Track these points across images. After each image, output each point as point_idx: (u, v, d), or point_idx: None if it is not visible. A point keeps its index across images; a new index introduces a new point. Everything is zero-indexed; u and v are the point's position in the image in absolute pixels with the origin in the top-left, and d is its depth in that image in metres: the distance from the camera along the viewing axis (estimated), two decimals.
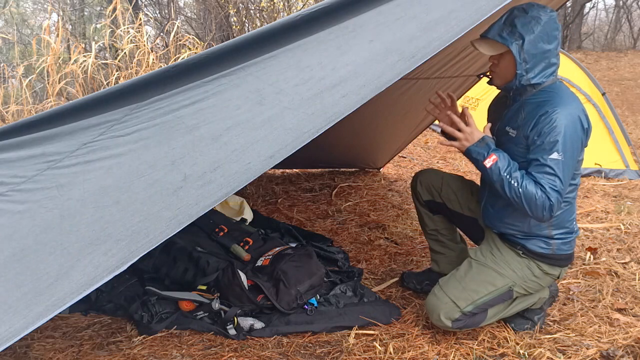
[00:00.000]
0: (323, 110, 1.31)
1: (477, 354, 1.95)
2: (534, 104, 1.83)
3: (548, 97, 1.82)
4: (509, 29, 1.76)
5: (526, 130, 1.81)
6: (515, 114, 1.89)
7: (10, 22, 8.60)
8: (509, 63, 1.82)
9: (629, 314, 2.25)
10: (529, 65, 1.79)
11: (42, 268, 1.22)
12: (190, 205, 1.25)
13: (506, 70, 1.84)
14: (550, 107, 1.77)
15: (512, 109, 1.92)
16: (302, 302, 2.18)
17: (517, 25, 1.75)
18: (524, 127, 1.83)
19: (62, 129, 1.35)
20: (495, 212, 2.00)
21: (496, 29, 1.79)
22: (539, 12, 1.77)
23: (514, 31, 1.75)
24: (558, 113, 1.75)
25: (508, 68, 1.83)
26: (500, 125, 1.96)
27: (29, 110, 4.87)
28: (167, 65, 1.38)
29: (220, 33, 9.02)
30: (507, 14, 1.79)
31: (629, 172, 4.31)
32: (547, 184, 1.74)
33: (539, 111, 1.79)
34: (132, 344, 2.00)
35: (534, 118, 1.80)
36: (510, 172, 1.77)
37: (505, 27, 1.77)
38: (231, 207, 3.20)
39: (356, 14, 1.40)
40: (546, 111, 1.77)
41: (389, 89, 1.39)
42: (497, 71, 1.87)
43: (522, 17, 1.76)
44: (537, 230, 1.92)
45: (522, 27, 1.75)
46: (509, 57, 1.80)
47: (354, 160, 4.33)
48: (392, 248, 2.93)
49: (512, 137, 1.88)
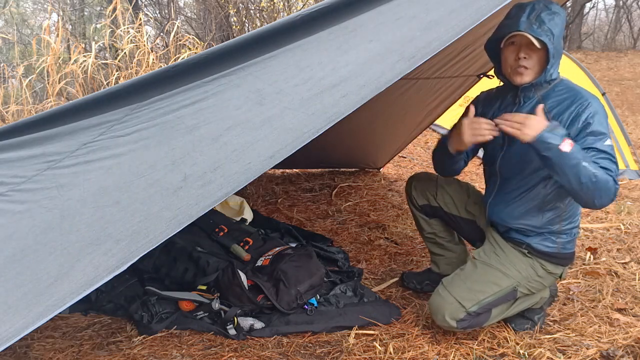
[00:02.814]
0: (323, 111, 1.31)
1: (477, 354, 1.95)
2: (559, 100, 1.83)
3: (570, 92, 1.83)
4: (537, 24, 1.73)
5: (563, 125, 1.78)
6: (533, 111, 1.82)
7: (10, 22, 8.60)
8: (541, 58, 1.80)
9: (629, 314, 2.25)
10: (554, 60, 1.80)
11: (42, 268, 1.22)
12: (191, 205, 1.25)
13: (538, 66, 1.82)
14: (582, 100, 1.79)
15: (528, 106, 1.88)
16: (302, 302, 2.18)
17: (545, 20, 1.73)
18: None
19: (62, 129, 1.35)
20: (505, 208, 1.99)
21: (525, 25, 1.74)
22: (557, 8, 1.77)
23: (542, 26, 1.73)
24: (592, 105, 1.78)
25: (540, 63, 1.81)
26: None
27: (29, 110, 4.87)
28: (167, 65, 1.38)
29: (220, 33, 9.02)
30: (529, 10, 1.75)
31: (629, 172, 4.30)
32: (611, 169, 1.72)
33: (571, 107, 1.80)
34: (132, 344, 2.00)
35: (567, 113, 1.80)
36: (585, 157, 1.68)
37: (533, 22, 1.74)
38: (231, 207, 3.20)
39: (356, 14, 1.40)
40: (581, 104, 1.78)
41: (389, 89, 1.39)
42: (532, 66, 1.82)
43: (547, 13, 1.74)
44: (549, 224, 1.92)
45: (550, 22, 1.74)
46: (541, 52, 1.79)
47: (354, 160, 4.33)
48: (392, 248, 2.93)
49: None
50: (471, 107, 1.98)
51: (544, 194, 1.90)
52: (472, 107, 1.97)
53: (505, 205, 1.99)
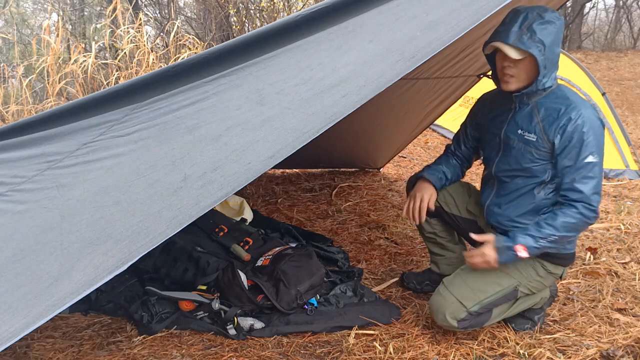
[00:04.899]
0: (323, 111, 1.31)
1: (477, 354, 1.95)
2: (550, 108, 1.84)
3: (563, 100, 1.83)
4: (528, 34, 1.73)
5: (549, 135, 1.82)
6: (527, 117, 1.88)
7: (10, 22, 8.60)
8: (528, 68, 1.80)
9: (629, 314, 2.25)
10: (546, 70, 1.79)
11: (42, 268, 1.22)
12: (191, 205, 1.25)
13: (525, 75, 1.82)
14: (572, 110, 1.79)
15: (522, 112, 1.90)
16: (302, 302, 2.18)
17: (537, 30, 1.73)
18: (545, 132, 1.83)
19: (62, 129, 1.35)
20: (503, 211, 2.00)
21: (515, 35, 1.75)
22: (552, 16, 1.76)
23: (533, 37, 1.73)
24: (583, 116, 1.78)
25: (527, 73, 1.81)
26: (508, 129, 1.95)
27: (29, 110, 4.88)
28: (167, 65, 1.38)
29: (220, 33, 9.02)
30: (522, 19, 1.75)
31: (629, 172, 4.30)
32: (587, 190, 1.78)
33: (560, 116, 1.80)
34: (132, 344, 2.00)
35: (555, 122, 1.81)
36: (542, 237, 1.81)
37: (524, 33, 1.74)
38: (231, 207, 3.20)
39: (356, 14, 1.40)
40: (570, 117, 1.79)
41: (389, 89, 1.39)
42: (517, 75, 1.83)
43: (539, 22, 1.74)
44: None
45: (541, 32, 1.73)
46: (529, 61, 1.78)
47: (354, 160, 4.33)
48: (392, 248, 2.93)
49: (530, 140, 1.87)
50: (421, 199, 2.14)
51: (540, 198, 1.91)
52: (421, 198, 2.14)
53: (501, 207, 2.01)
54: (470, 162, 2.28)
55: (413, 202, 2.16)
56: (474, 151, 2.25)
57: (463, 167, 2.27)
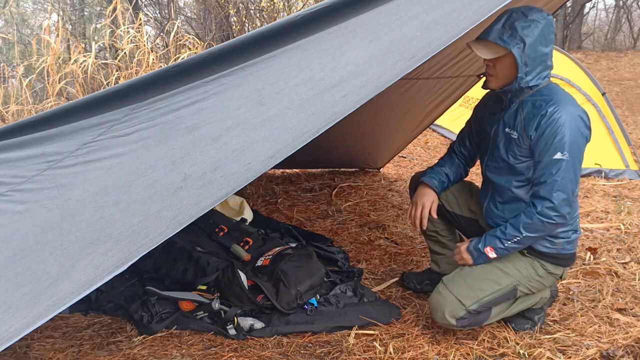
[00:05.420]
0: (323, 111, 1.31)
1: (477, 354, 1.95)
2: (533, 105, 1.85)
3: (546, 98, 1.83)
4: (509, 32, 1.76)
5: (528, 131, 1.83)
6: (513, 115, 1.91)
7: (10, 22, 8.60)
8: (508, 66, 1.82)
9: (629, 314, 2.25)
10: (528, 68, 1.79)
11: (42, 268, 1.22)
12: (191, 205, 1.25)
13: (505, 73, 1.84)
14: (550, 106, 1.79)
15: (510, 110, 1.93)
16: (302, 302, 2.18)
17: (518, 28, 1.75)
18: (525, 128, 1.84)
19: (62, 129, 1.35)
20: (500, 211, 2.00)
21: (496, 32, 1.78)
22: (538, 15, 1.77)
23: (514, 34, 1.75)
24: (559, 112, 1.77)
25: (507, 71, 1.83)
26: (498, 128, 1.97)
27: (29, 110, 4.88)
28: (167, 65, 1.38)
29: (220, 33, 9.03)
30: (506, 17, 1.78)
31: (629, 172, 4.30)
32: (547, 188, 1.79)
33: (539, 111, 1.81)
34: (132, 344, 2.00)
35: (534, 118, 1.81)
36: (506, 238, 1.87)
37: (505, 31, 1.77)
38: (231, 207, 3.20)
39: (356, 14, 1.40)
40: (546, 111, 1.79)
41: (389, 89, 1.39)
42: (495, 74, 1.87)
43: (522, 21, 1.76)
44: None
45: (523, 30, 1.75)
46: (508, 59, 1.80)
47: (354, 160, 4.33)
48: (392, 248, 2.93)
49: (513, 138, 1.89)
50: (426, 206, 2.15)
51: (529, 198, 1.91)
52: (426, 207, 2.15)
53: (497, 208, 2.02)
54: (474, 160, 2.29)
55: (415, 209, 2.17)
56: (477, 149, 2.25)
57: (467, 165, 2.28)
